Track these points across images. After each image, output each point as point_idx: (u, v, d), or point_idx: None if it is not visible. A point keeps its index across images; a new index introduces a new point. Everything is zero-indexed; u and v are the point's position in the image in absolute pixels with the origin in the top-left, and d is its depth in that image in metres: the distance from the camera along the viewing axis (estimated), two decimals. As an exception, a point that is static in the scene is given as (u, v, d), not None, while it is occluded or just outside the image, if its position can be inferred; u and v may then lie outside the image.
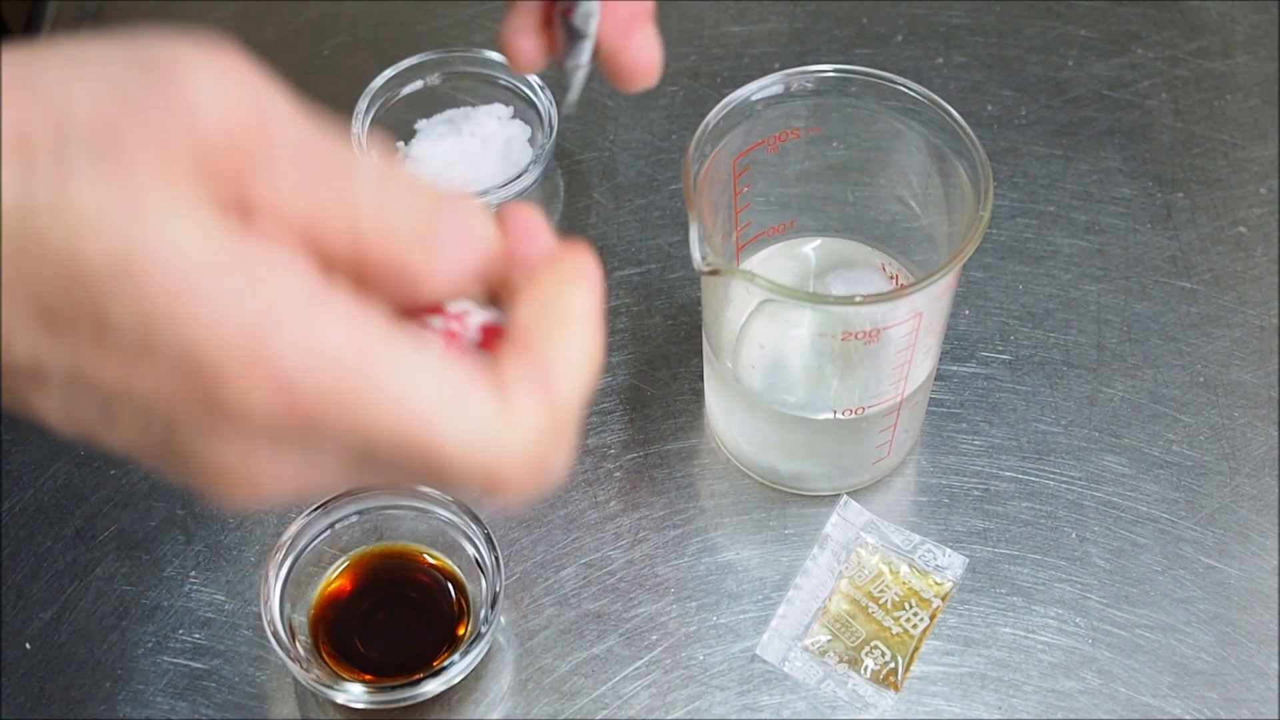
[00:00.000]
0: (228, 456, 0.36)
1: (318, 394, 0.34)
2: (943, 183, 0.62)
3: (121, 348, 0.34)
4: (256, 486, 0.37)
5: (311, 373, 0.34)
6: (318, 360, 0.34)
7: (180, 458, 0.37)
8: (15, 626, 0.65)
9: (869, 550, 0.67)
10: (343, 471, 0.37)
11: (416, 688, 0.60)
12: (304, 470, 0.37)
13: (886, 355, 0.61)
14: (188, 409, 0.35)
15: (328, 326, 0.35)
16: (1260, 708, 0.63)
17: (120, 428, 0.37)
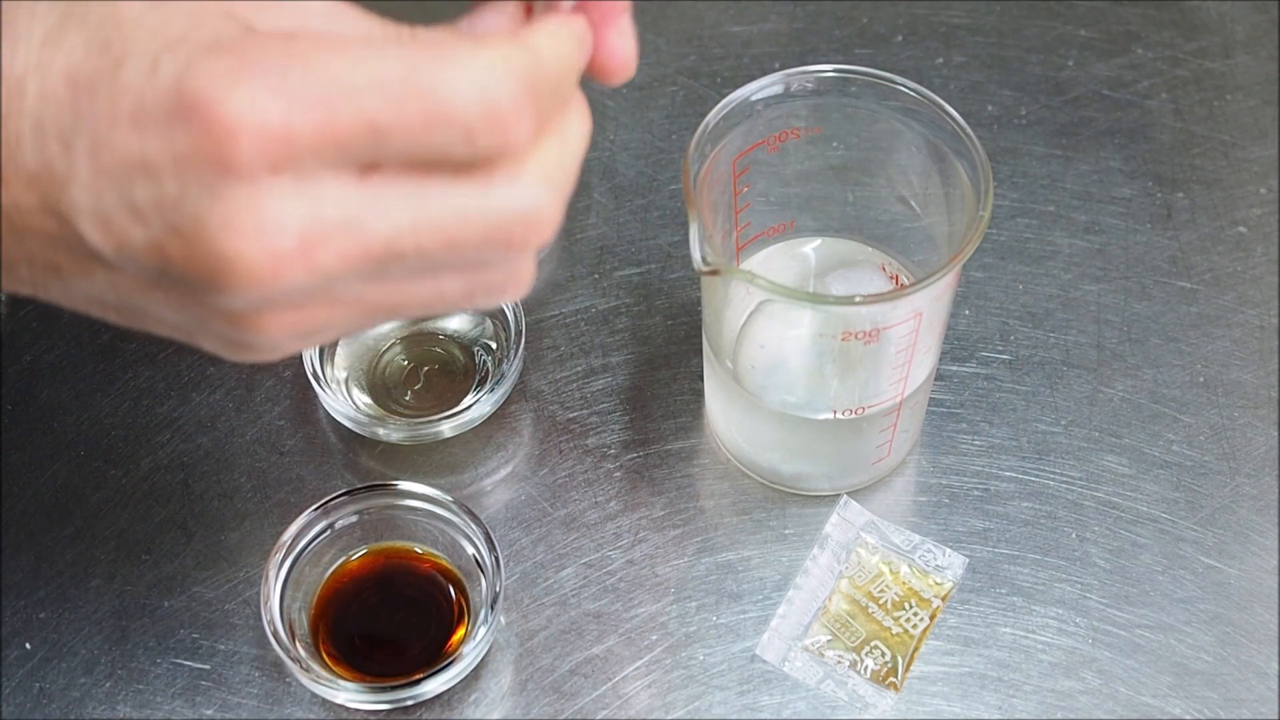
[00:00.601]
0: (242, 211, 0.36)
1: (304, 86, 0.36)
2: (943, 183, 0.62)
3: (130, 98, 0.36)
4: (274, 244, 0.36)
5: (295, 71, 0.36)
6: (299, 63, 0.36)
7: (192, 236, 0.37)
8: (15, 626, 0.65)
9: (869, 550, 0.67)
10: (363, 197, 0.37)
11: (416, 688, 0.60)
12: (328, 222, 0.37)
13: (886, 355, 0.61)
14: (193, 157, 0.36)
15: (303, 42, 0.36)
16: (1260, 708, 0.63)
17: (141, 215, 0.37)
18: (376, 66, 0.36)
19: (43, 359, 0.72)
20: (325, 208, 0.37)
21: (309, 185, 0.37)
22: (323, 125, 0.36)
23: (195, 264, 0.37)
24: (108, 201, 0.37)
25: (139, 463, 0.70)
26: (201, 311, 0.39)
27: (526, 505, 0.68)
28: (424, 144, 0.37)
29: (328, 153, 0.36)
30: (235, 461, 0.70)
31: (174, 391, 0.72)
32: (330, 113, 0.36)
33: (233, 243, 0.36)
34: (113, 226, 0.37)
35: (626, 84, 0.80)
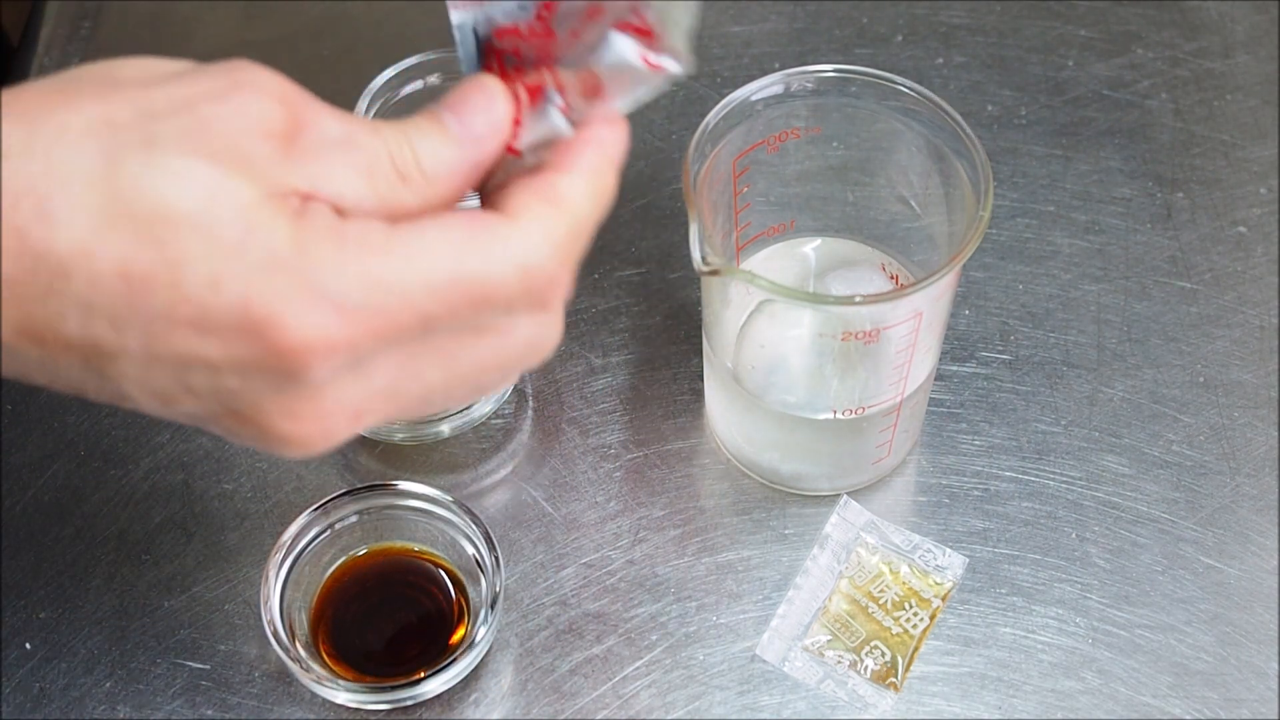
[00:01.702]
0: (297, 403, 0.40)
1: (367, 300, 0.39)
2: (943, 183, 0.62)
3: (192, 307, 0.38)
4: (331, 425, 0.41)
5: (354, 288, 0.38)
6: (353, 271, 0.38)
7: (250, 417, 0.40)
8: (15, 626, 0.65)
9: (869, 550, 0.67)
10: (406, 375, 0.41)
11: (416, 688, 0.60)
12: (372, 393, 0.41)
13: (886, 355, 0.61)
14: (252, 363, 0.38)
15: (353, 244, 0.39)
16: (1260, 708, 0.63)
17: (195, 394, 0.40)
18: (425, 266, 0.39)
19: (43, 359, 0.72)
20: (374, 382, 0.41)
21: (363, 370, 0.40)
22: (380, 330, 0.39)
23: (249, 433, 0.41)
24: (159, 379, 0.39)
25: (139, 463, 0.70)
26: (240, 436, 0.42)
27: (526, 505, 0.68)
28: (467, 321, 0.41)
29: (382, 346, 0.40)
30: (235, 461, 0.70)
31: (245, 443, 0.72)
32: (387, 319, 0.39)
33: (292, 427, 0.40)
34: (162, 396, 0.40)
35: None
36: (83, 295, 0.37)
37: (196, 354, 0.38)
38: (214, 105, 0.39)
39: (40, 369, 0.39)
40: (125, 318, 0.38)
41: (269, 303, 0.38)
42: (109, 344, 0.38)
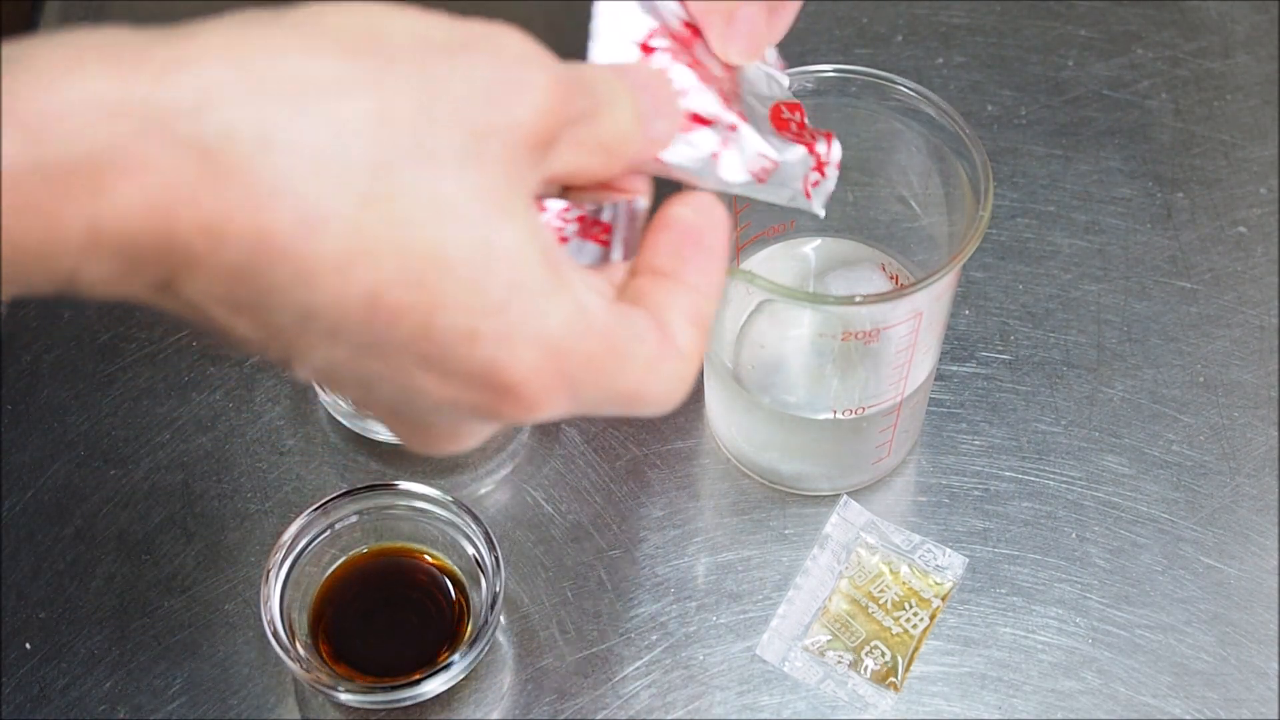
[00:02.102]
0: (473, 433, 0.41)
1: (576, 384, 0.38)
2: (943, 183, 0.62)
3: (436, 349, 0.36)
4: (479, 436, 0.42)
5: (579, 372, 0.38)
6: (587, 362, 0.38)
7: (423, 429, 0.41)
8: (15, 626, 0.65)
9: (869, 550, 0.67)
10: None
11: (416, 688, 0.60)
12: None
13: (886, 355, 0.61)
14: (468, 409, 0.38)
15: (601, 338, 0.38)
16: (1260, 708, 0.63)
17: (380, 402, 0.39)
18: (623, 382, 0.39)
19: (43, 359, 0.72)
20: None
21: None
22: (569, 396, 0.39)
23: (399, 435, 0.42)
24: (345, 376, 0.38)
25: (139, 463, 0.70)
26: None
27: (526, 505, 0.68)
28: (604, 409, 0.41)
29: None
30: (235, 461, 0.70)
31: (174, 391, 0.72)
32: (585, 410, 0.40)
33: (453, 445, 0.41)
34: (332, 383, 0.39)
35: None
36: (316, 306, 0.35)
37: (422, 387, 0.37)
38: (490, 109, 0.36)
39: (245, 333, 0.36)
40: (350, 334, 0.35)
41: (522, 377, 0.37)
42: (312, 342, 0.36)
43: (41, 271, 0.33)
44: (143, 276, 0.34)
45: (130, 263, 0.33)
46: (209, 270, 0.34)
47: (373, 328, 0.35)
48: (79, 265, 0.33)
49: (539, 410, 0.38)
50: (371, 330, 0.35)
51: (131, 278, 0.34)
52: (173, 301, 0.35)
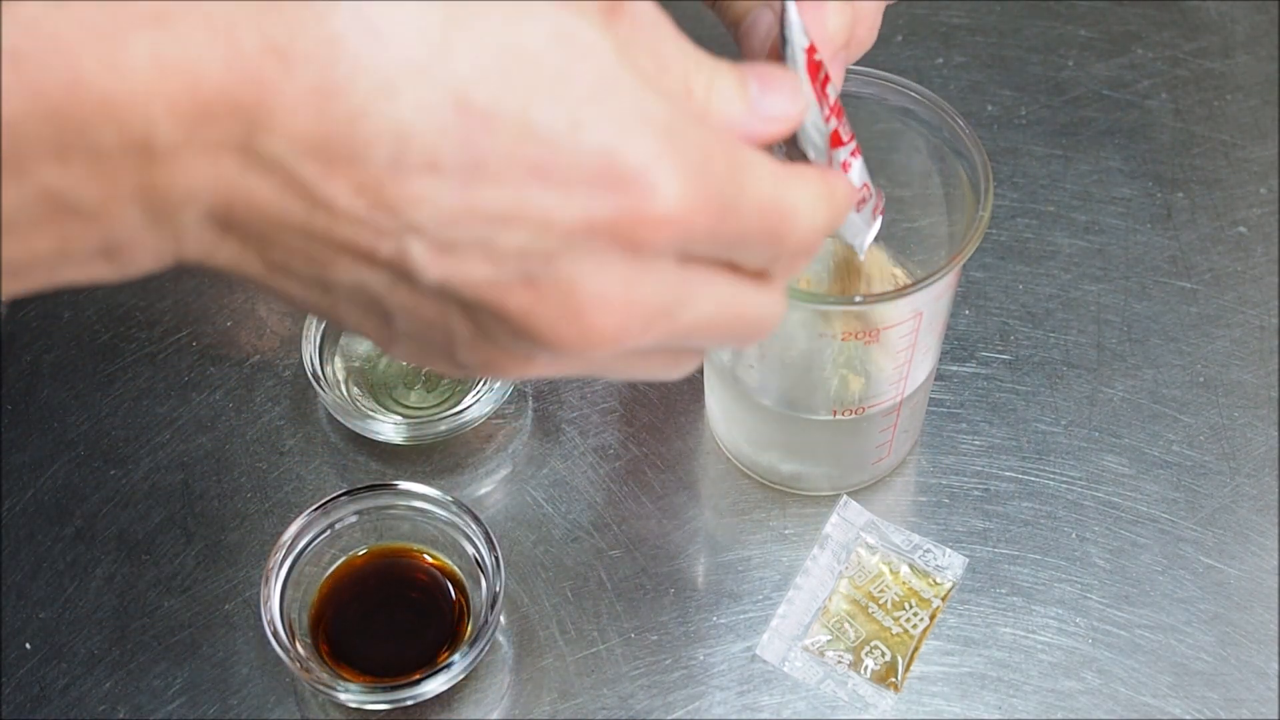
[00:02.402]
0: (611, 280, 0.36)
1: (723, 178, 0.36)
2: (943, 183, 0.62)
3: (540, 148, 0.34)
4: (625, 321, 0.37)
5: (708, 163, 0.36)
6: (710, 151, 0.36)
7: (551, 292, 0.36)
8: (15, 626, 0.65)
9: (869, 550, 0.67)
10: (687, 288, 0.38)
11: (416, 688, 0.60)
12: (666, 295, 0.37)
13: (886, 355, 0.61)
14: (596, 222, 0.35)
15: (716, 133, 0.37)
16: (1260, 708, 0.63)
17: (495, 257, 0.35)
18: (761, 179, 0.37)
19: (43, 359, 0.72)
20: (668, 294, 0.37)
21: (667, 272, 0.37)
22: (713, 229, 0.36)
23: (535, 315, 0.36)
24: (462, 234, 0.34)
25: (139, 463, 0.70)
26: (464, 342, 0.38)
27: (526, 505, 0.68)
28: (751, 255, 0.39)
29: (698, 246, 0.37)
30: (235, 461, 0.70)
31: (174, 391, 0.72)
32: (722, 220, 0.36)
33: (598, 315, 0.36)
34: (453, 257, 0.35)
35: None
36: (404, 121, 0.33)
37: (528, 206, 0.34)
38: None
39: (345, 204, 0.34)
40: (453, 154, 0.33)
41: (640, 159, 0.34)
42: (416, 189, 0.33)
43: (113, 128, 0.31)
44: (219, 130, 0.32)
45: (202, 110, 0.32)
46: (287, 104, 0.32)
47: (470, 140, 0.33)
48: (149, 117, 0.31)
49: (676, 208, 0.35)
50: (470, 143, 0.33)
51: (208, 132, 0.32)
52: (260, 176, 0.33)
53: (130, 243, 0.34)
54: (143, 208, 0.33)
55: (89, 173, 0.32)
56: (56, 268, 0.34)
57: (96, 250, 0.34)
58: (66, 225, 0.33)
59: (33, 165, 0.32)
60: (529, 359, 0.38)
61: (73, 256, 0.34)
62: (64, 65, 0.31)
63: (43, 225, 0.33)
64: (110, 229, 0.33)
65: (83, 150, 0.32)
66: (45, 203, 0.32)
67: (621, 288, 0.36)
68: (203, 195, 0.33)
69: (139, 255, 0.35)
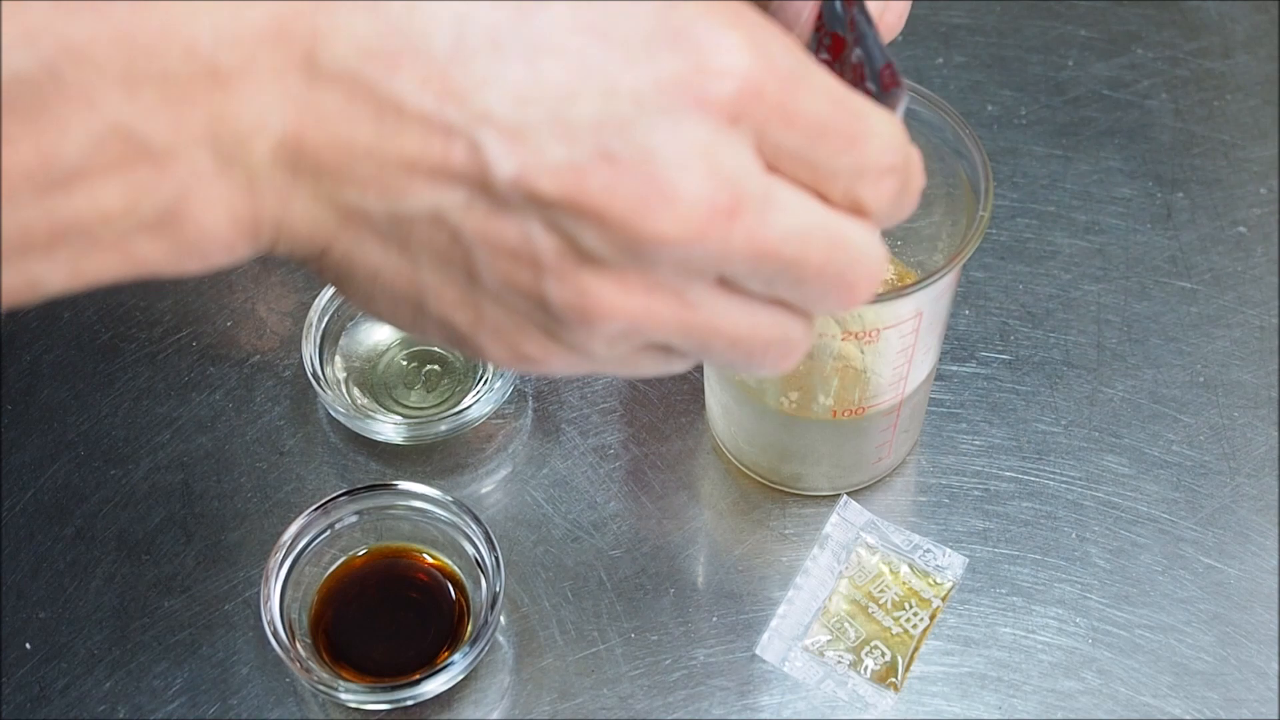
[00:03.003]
0: (697, 155, 0.34)
1: (788, 62, 0.35)
2: (943, 183, 0.62)
3: (603, 10, 0.33)
4: (707, 173, 0.35)
5: (777, 41, 0.35)
6: (776, 35, 0.35)
7: (624, 160, 0.34)
8: (15, 626, 0.65)
9: (869, 550, 0.67)
10: (772, 182, 0.36)
11: (416, 688, 0.60)
12: (749, 186, 0.36)
13: (886, 355, 0.61)
14: (670, 91, 0.34)
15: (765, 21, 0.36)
16: (1260, 708, 0.63)
17: (569, 137, 0.34)
18: (826, 74, 0.36)
19: (43, 359, 0.72)
20: (753, 180, 0.35)
21: (748, 150, 0.35)
22: (784, 100, 0.35)
23: (619, 197, 0.34)
24: (535, 114, 0.33)
25: (139, 463, 0.70)
26: (552, 272, 0.36)
27: (526, 505, 0.68)
28: (833, 161, 0.37)
29: (773, 127, 0.35)
30: (235, 461, 0.70)
31: (174, 391, 0.72)
32: (792, 92, 0.35)
33: (681, 179, 0.34)
34: (528, 142, 0.33)
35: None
36: (462, 2, 0.32)
37: (594, 71, 0.33)
38: None
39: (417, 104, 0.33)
40: (510, 29, 0.33)
41: (698, 15, 0.34)
42: (480, 70, 0.33)
43: (179, 51, 0.31)
44: (284, 48, 0.32)
45: (265, 28, 0.32)
46: (344, 8, 0.32)
47: (528, 11, 0.33)
48: (216, 39, 0.31)
49: (741, 64, 0.34)
50: (529, 14, 0.33)
51: (272, 51, 0.32)
52: (327, 89, 0.33)
53: (201, 197, 0.33)
54: (213, 147, 0.33)
55: (158, 102, 0.32)
56: (127, 236, 0.33)
57: (166, 209, 0.33)
58: (137, 170, 0.32)
59: (102, 95, 0.31)
60: (624, 280, 0.36)
61: (143, 217, 0.33)
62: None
63: (113, 172, 0.32)
64: (180, 176, 0.33)
65: (151, 77, 0.31)
66: (116, 140, 0.32)
67: (701, 153, 0.34)
68: (272, 123, 0.33)
69: (212, 216, 0.33)
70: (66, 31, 0.31)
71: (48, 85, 0.31)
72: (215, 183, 0.33)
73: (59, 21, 0.31)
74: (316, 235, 0.35)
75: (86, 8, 0.31)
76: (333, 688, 0.60)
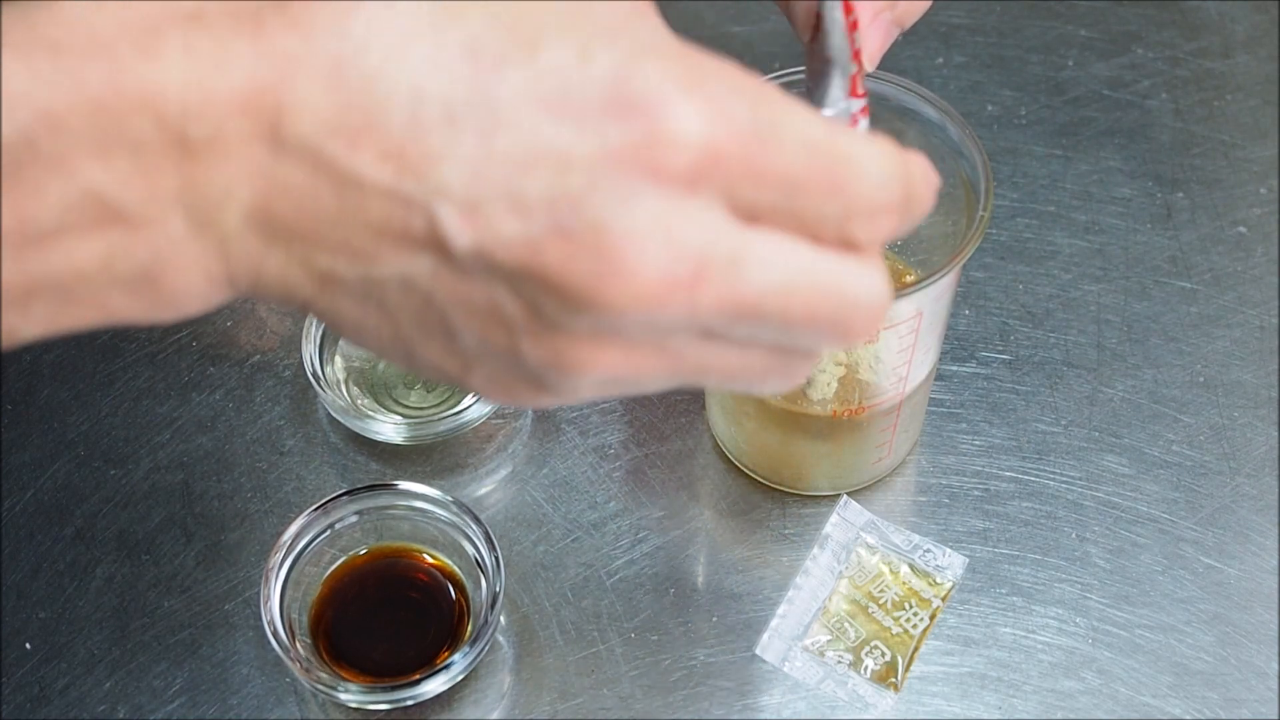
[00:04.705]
0: (642, 214, 0.34)
1: (748, 114, 0.35)
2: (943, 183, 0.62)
3: (555, 79, 0.33)
4: (657, 258, 0.34)
5: (731, 99, 0.34)
6: (740, 84, 0.35)
7: (584, 231, 0.34)
8: (15, 626, 0.65)
9: (869, 550, 0.67)
10: (743, 241, 0.36)
11: (416, 688, 0.60)
12: (714, 251, 0.35)
13: (886, 355, 0.61)
14: (618, 152, 0.33)
15: (730, 66, 0.35)
16: (1260, 708, 0.63)
17: (529, 208, 0.34)
18: (804, 121, 0.36)
19: (43, 359, 0.72)
20: (720, 243, 0.35)
21: (712, 215, 0.35)
22: (749, 159, 0.35)
23: (574, 270, 0.34)
24: (489, 188, 0.33)
25: (139, 463, 0.70)
26: (524, 332, 0.36)
27: (526, 505, 0.68)
28: (817, 209, 0.36)
29: (741, 188, 0.35)
30: (235, 461, 0.70)
31: (174, 391, 0.72)
32: (757, 150, 0.35)
33: (635, 254, 0.34)
34: (482, 216, 0.34)
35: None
36: (418, 79, 0.33)
37: (546, 144, 0.33)
38: None
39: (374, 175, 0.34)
40: (465, 101, 0.33)
41: (651, 81, 0.33)
42: (436, 143, 0.33)
43: (151, 121, 0.32)
44: (250, 120, 0.32)
45: (232, 101, 0.32)
46: (308, 85, 0.32)
47: (482, 84, 0.33)
48: (185, 110, 0.32)
49: (696, 130, 0.34)
50: (482, 88, 0.33)
51: (239, 123, 0.32)
52: (292, 163, 0.33)
53: (175, 260, 0.34)
54: (185, 213, 0.33)
55: (130, 169, 0.32)
56: (102, 292, 0.34)
57: (141, 270, 0.34)
58: (111, 233, 0.33)
59: (76, 161, 0.32)
60: (596, 340, 0.36)
61: (117, 276, 0.34)
62: (103, 57, 0.31)
63: (88, 233, 0.33)
64: (154, 240, 0.34)
65: (124, 145, 0.32)
66: (90, 205, 0.33)
67: (656, 225, 0.34)
68: (241, 192, 0.33)
69: (186, 277, 0.34)
70: (43, 100, 0.32)
71: (24, 152, 0.32)
72: (189, 245, 0.34)
73: (37, 90, 0.31)
74: (294, 294, 0.36)
75: (63, 76, 0.31)
76: (333, 688, 0.60)
